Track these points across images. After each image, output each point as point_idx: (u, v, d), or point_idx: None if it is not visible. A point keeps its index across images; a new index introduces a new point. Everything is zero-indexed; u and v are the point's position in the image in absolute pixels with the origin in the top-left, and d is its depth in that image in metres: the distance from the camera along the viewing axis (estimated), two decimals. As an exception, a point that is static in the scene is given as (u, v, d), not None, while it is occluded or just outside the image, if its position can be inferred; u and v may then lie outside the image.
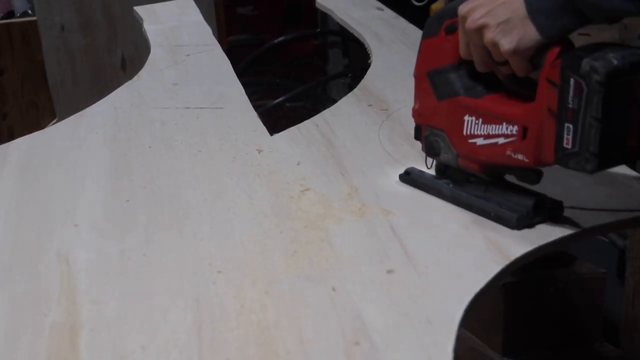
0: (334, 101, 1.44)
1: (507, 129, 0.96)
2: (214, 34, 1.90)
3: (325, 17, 2.64)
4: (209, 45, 1.74)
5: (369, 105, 1.40)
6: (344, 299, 0.82)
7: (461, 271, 0.87)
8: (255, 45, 3.72)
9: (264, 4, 3.79)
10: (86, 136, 1.27)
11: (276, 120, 1.52)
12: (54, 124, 1.88)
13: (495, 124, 0.97)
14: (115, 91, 1.47)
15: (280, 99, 3.57)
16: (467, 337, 1.92)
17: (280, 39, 3.68)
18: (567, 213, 1.00)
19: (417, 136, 1.09)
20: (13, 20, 2.52)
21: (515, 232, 0.96)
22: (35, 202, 1.05)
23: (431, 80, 1.05)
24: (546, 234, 0.96)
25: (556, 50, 0.89)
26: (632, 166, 1.17)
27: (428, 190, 1.07)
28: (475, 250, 0.92)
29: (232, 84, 1.50)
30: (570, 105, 0.87)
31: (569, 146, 0.89)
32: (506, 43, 0.91)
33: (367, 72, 1.58)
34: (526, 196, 0.99)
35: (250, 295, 0.83)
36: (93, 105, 1.40)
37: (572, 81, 0.87)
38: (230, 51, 3.10)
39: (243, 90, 1.47)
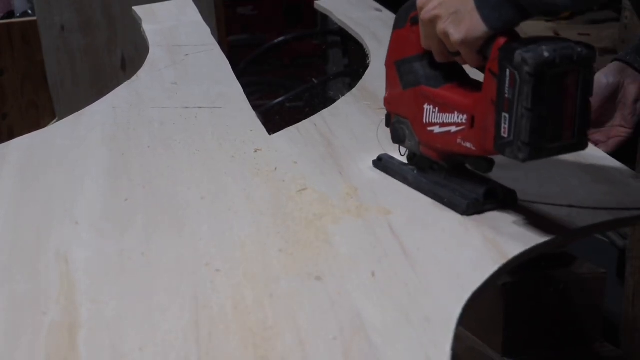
0: (334, 101, 1.44)
1: (458, 117, 0.99)
2: (214, 34, 1.90)
3: (325, 17, 2.64)
4: (207, 45, 1.74)
5: (366, 104, 1.40)
6: (342, 298, 0.82)
7: (459, 270, 0.87)
8: (255, 45, 3.73)
9: (264, 4, 3.79)
10: (85, 136, 1.27)
11: (276, 120, 1.52)
12: (54, 124, 1.87)
13: (449, 112, 1.01)
14: (114, 91, 1.47)
15: (280, 99, 3.57)
16: (467, 337, 1.92)
17: (280, 39, 3.69)
18: (565, 212, 1.01)
19: (388, 123, 1.14)
20: (13, 20, 2.52)
21: (513, 230, 0.96)
22: (34, 201, 1.05)
23: (398, 69, 1.09)
24: (544, 232, 0.96)
25: (501, 42, 0.92)
26: (632, 166, 1.17)
27: (395, 175, 1.12)
28: (474, 249, 0.92)
29: (230, 84, 1.51)
30: (507, 95, 0.90)
31: (506, 135, 0.92)
32: (455, 34, 0.94)
33: (366, 73, 1.58)
34: (480, 184, 1.03)
35: (248, 295, 0.83)
36: (92, 105, 1.40)
37: (507, 72, 0.90)
38: (230, 51, 3.11)
39: (242, 90, 1.47)
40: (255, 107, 1.40)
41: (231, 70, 1.58)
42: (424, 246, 0.92)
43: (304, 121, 1.33)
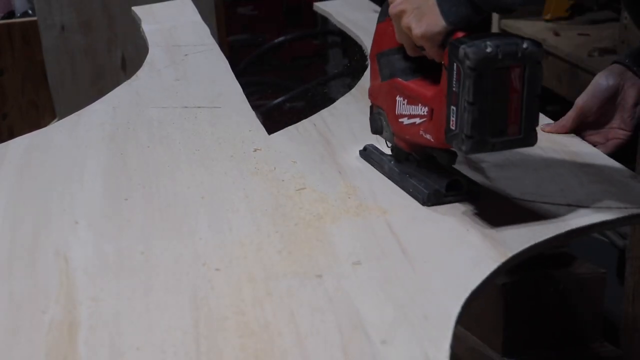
0: (334, 101, 1.44)
1: (421, 110, 1.02)
2: (214, 34, 1.90)
3: (325, 17, 2.65)
4: (207, 45, 1.74)
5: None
6: (341, 296, 0.82)
7: (458, 268, 0.87)
8: (255, 45, 3.72)
9: (264, 4, 3.78)
10: (84, 135, 1.27)
11: (276, 120, 1.52)
12: (54, 123, 1.87)
13: (415, 104, 1.04)
14: (114, 91, 1.47)
15: (280, 99, 3.57)
16: (467, 337, 1.92)
17: (280, 39, 3.68)
18: (564, 211, 1.01)
19: (370, 114, 1.18)
20: (13, 20, 2.52)
21: (512, 229, 0.96)
22: (34, 200, 1.05)
23: (378, 62, 1.12)
24: (543, 231, 0.96)
25: (457, 37, 0.94)
26: (631, 165, 1.17)
27: (375, 165, 1.15)
28: (473, 248, 0.92)
29: (230, 84, 1.51)
30: (454, 89, 0.93)
31: (453, 127, 0.94)
32: (416, 28, 0.98)
33: (365, 73, 1.58)
34: (445, 176, 1.05)
35: (247, 293, 0.83)
36: (91, 105, 1.40)
37: (455, 66, 0.92)
38: (230, 51, 3.11)
39: (241, 90, 1.47)
40: (255, 107, 1.40)
41: (230, 70, 1.58)
42: (423, 245, 0.93)
43: (303, 121, 1.33)
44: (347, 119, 1.34)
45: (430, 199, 1.03)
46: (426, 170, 1.08)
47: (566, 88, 2.29)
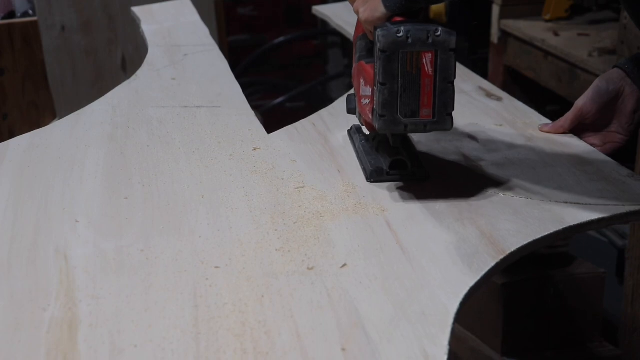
0: (334, 101, 1.44)
1: (369, 90, 1.07)
2: (214, 34, 1.90)
3: (325, 18, 2.66)
4: (206, 45, 1.74)
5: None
6: (340, 293, 0.83)
7: (456, 266, 0.88)
8: (255, 45, 3.72)
9: (264, 4, 3.78)
10: (84, 134, 1.27)
11: (276, 120, 1.52)
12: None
13: (367, 86, 1.08)
14: (113, 90, 1.47)
15: (280, 99, 3.57)
16: (467, 337, 1.92)
17: (280, 39, 3.68)
18: (562, 208, 1.01)
19: None
20: (14, 20, 2.52)
21: (510, 226, 0.97)
22: (34, 199, 1.05)
23: (355, 45, 1.18)
24: (540, 228, 0.96)
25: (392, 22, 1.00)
26: (631, 165, 1.17)
27: (352, 143, 1.21)
28: (471, 245, 0.92)
29: (229, 84, 1.51)
30: (375, 71, 0.99)
31: (375, 107, 1.00)
32: (361, 13, 1.05)
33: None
34: (394, 156, 1.09)
35: (247, 291, 0.83)
36: (91, 104, 1.41)
37: (376, 49, 0.97)
38: (230, 51, 3.11)
39: (240, 90, 1.47)
40: (255, 107, 1.41)
41: (230, 70, 1.59)
42: (421, 242, 0.93)
43: (302, 120, 1.33)
44: (346, 119, 1.34)
45: (372, 176, 1.09)
46: (382, 149, 1.12)
47: (566, 88, 2.29)
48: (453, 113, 1.00)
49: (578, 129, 1.25)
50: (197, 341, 0.76)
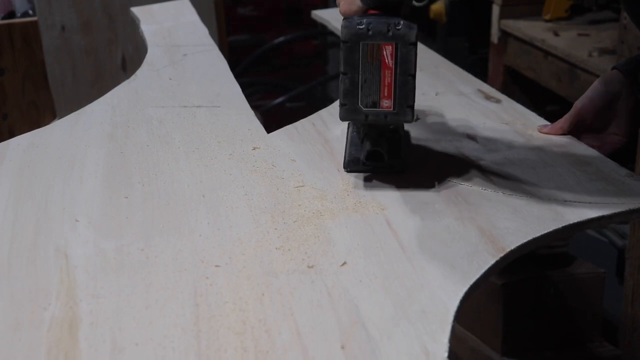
0: (334, 101, 1.44)
1: None
2: (214, 34, 1.90)
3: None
4: (205, 45, 1.75)
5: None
6: (340, 292, 0.83)
7: (456, 264, 0.88)
8: (255, 45, 3.72)
9: (264, 4, 3.79)
10: (84, 134, 1.27)
11: (276, 120, 1.52)
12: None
13: None
14: (113, 90, 1.47)
15: (280, 99, 3.57)
16: (467, 337, 1.92)
17: (280, 39, 3.69)
18: (561, 206, 1.01)
19: None
20: (14, 20, 2.52)
21: (509, 225, 0.97)
22: (34, 199, 1.05)
23: None
24: (540, 226, 0.97)
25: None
26: (631, 166, 1.17)
27: (347, 132, 1.22)
28: (470, 243, 0.93)
29: (228, 83, 1.51)
30: (339, 61, 1.02)
31: (338, 96, 1.04)
32: (341, 6, 1.07)
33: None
34: (373, 147, 1.10)
35: (247, 290, 0.84)
36: (91, 104, 1.41)
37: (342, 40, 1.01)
38: (230, 51, 3.11)
39: (240, 89, 1.47)
40: (255, 107, 1.41)
41: (229, 70, 1.59)
42: (420, 240, 0.93)
43: (301, 120, 1.34)
44: (346, 118, 1.34)
45: (348, 165, 1.12)
46: (365, 140, 1.12)
47: (566, 88, 2.29)
48: (415, 105, 1.02)
49: (577, 130, 1.26)
50: (198, 339, 0.76)
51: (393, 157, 1.11)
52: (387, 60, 0.99)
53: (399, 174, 1.10)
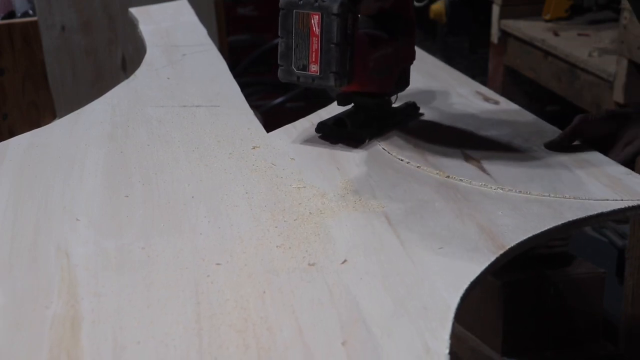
0: (334, 101, 1.45)
1: None
2: (214, 34, 1.90)
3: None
4: (204, 46, 1.75)
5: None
6: (340, 289, 0.83)
7: (456, 261, 0.88)
8: (255, 45, 3.72)
9: (264, 4, 3.78)
10: (84, 133, 1.27)
11: (276, 120, 1.52)
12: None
13: None
14: (113, 90, 1.48)
15: (280, 99, 3.57)
16: (467, 337, 1.92)
17: (281, 39, 3.68)
18: (560, 204, 1.02)
19: None
20: (14, 20, 2.52)
21: (509, 222, 0.97)
22: (34, 198, 1.05)
23: None
24: (539, 224, 0.97)
25: None
26: (631, 165, 1.18)
27: None
28: (470, 241, 0.93)
29: (228, 83, 1.51)
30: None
31: None
32: None
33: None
34: (342, 115, 1.26)
35: (248, 288, 0.84)
36: (90, 104, 1.41)
37: None
38: (230, 51, 3.11)
39: (239, 89, 1.47)
40: (255, 107, 1.41)
41: (228, 70, 1.59)
42: (420, 238, 0.93)
43: (301, 119, 1.34)
44: (345, 117, 1.35)
45: (318, 129, 1.25)
46: (348, 109, 1.28)
47: (566, 88, 2.29)
48: (343, 72, 1.11)
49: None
50: (200, 337, 0.76)
51: (357, 129, 1.23)
52: (314, 29, 1.09)
53: (357, 145, 1.21)
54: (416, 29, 1.34)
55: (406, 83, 1.34)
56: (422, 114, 1.36)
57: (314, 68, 1.11)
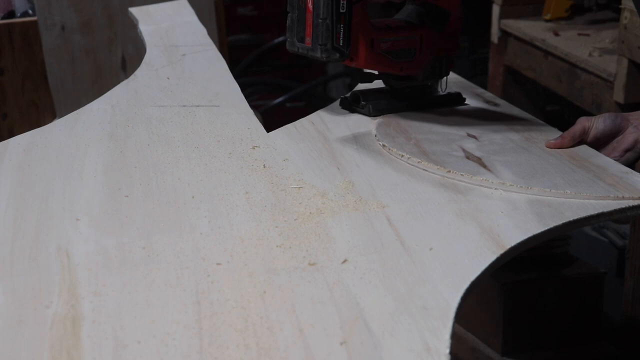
0: (334, 101, 1.45)
1: None
2: (214, 34, 1.90)
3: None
4: (204, 45, 1.75)
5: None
6: (341, 289, 0.83)
7: (456, 260, 0.88)
8: (255, 45, 3.72)
9: (264, 4, 3.79)
10: (84, 133, 1.27)
11: (276, 120, 1.52)
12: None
13: None
14: (112, 89, 1.48)
15: (280, 99, 3.57)
16: (467, 337, 1.92)
17: (280, 39, 3.68)
18: (560, 203, 1.02)
19: None
20: (13, 20, 2.52)
21: (510, 221, 0.97)
22: (34, 198, 1.05)
23: None
24: (540, 223, 0.97)
25: None
26: (631, 165, 1.18)
27: None
28: (471, 240, 0.93)
29: (228, 83, 1.51)
30: None
31: None
32: None
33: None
34: (357, 90, 1.40)
35: (248, 287, 0.84)
36: (90, 103, 1.41)
37: None
38: (230, 51, 3.10)
39: (239, 89, 1.47)
40: (255, 107, 1.41)
41: (228, 70, 1.59)
42: (421, 237, 0.93)
43: (301, 119, 1.34)
44: (344, 117, 1.35)
45: (340, 102, 1.40)
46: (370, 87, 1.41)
47: (566, 88, 2.29)
48: (332, 47, 1.20)
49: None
50: (200, 337, 0.76)
51: (368, 103, 1.36)
52: (309, 5, 1.20)
53: (372, 117, 1.34)
54: (461, 22, 1.41)
55: (444, 72, 1.41)
56: (467, 104, 1.44)
57: (308, 40, 1.22)
